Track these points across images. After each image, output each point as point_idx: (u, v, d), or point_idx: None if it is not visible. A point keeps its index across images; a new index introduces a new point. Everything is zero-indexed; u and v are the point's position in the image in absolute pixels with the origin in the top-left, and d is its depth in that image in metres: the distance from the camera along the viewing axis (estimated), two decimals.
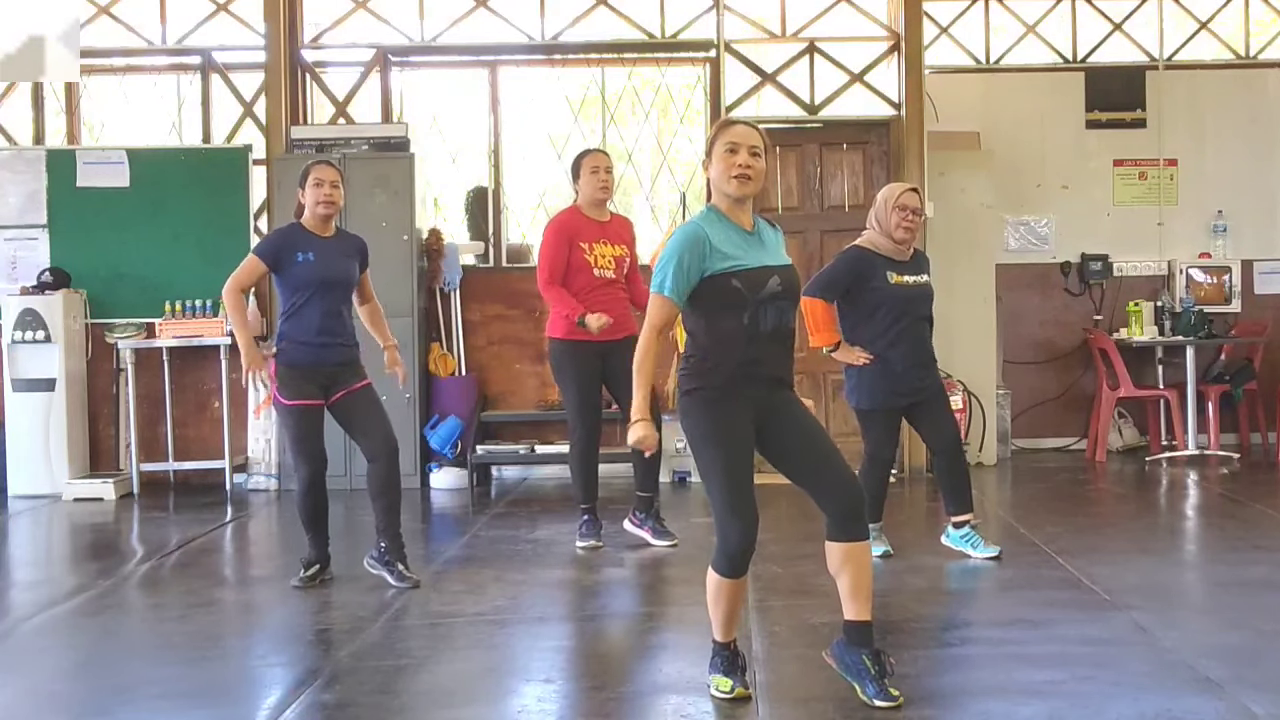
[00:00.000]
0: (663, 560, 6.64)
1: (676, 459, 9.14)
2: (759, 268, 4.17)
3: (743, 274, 4.14)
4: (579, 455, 6.88)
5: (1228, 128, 10.42)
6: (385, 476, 6.02)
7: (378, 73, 9.99)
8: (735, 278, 4.13)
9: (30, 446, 9.16)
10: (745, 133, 4.22)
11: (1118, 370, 9.76)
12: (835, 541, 4.22)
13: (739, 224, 4.24)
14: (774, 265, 4.21)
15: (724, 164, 4.18)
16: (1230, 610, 5.46)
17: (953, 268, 9.05)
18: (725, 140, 4.20)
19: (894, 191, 6.31)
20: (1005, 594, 5.84)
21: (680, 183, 10.12)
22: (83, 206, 9.58)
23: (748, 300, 4.13)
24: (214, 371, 9.46)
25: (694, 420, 4.19)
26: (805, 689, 4.44)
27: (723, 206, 4.25)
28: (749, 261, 4.16)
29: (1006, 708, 4.19)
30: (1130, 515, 8.18)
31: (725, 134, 4.22)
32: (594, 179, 6.84)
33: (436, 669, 4.82)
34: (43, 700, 4.65)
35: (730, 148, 4.18)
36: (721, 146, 4.19)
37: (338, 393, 6.05)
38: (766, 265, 4.20)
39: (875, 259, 6.25)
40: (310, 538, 6.13)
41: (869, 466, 6.41)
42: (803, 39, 9.90)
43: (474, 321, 9.78)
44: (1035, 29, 10.50)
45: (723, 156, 4.19)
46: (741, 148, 4.18)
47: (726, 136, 4.21)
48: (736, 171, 4.17)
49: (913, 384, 6.29)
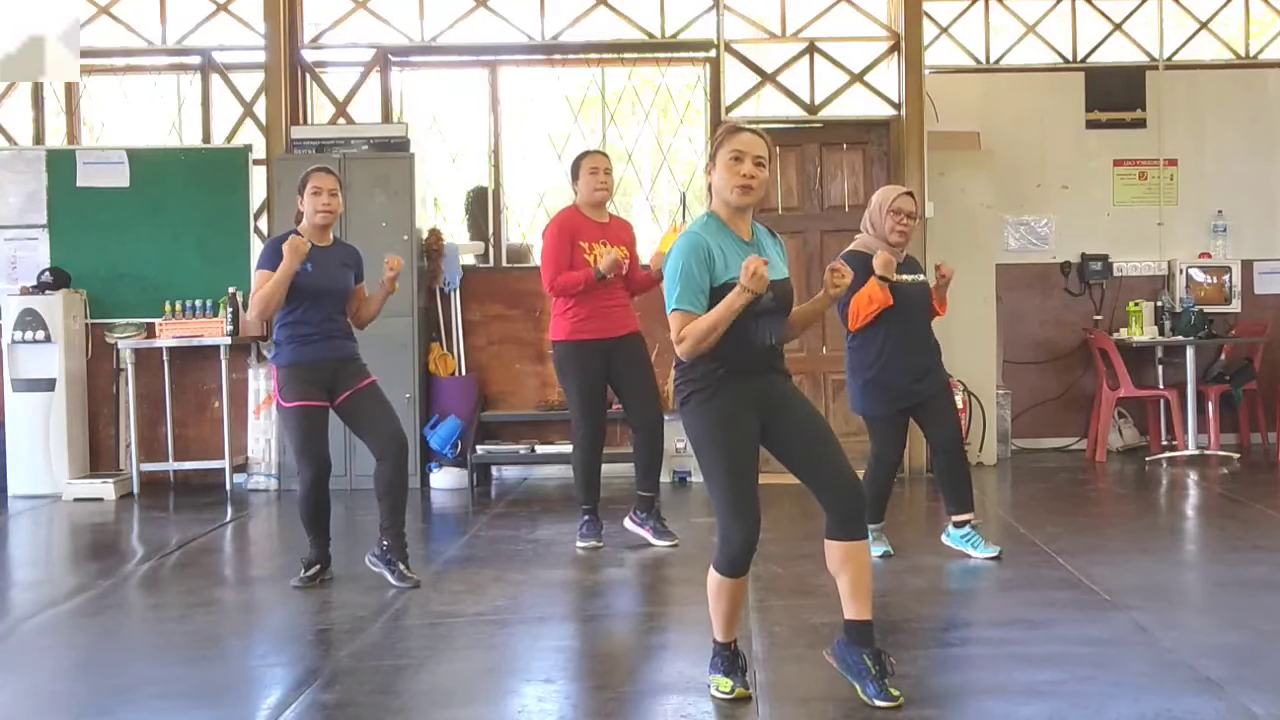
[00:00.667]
0: (663, 560, 6.64)
1: (677, 459, 9.14)
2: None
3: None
4: (582, 456, 6.87)
5: (1228, 128, 10.42)
6: (392, 475, 6.02)
7: (378, 73, 9.99)
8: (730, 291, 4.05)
9: (30, 446, 9.16)
10: (751, 141, 4.14)
11: (1118, 370, 9.76)
12: (835, 540, 4.21)
13: (737, 233, 4.19)
14: (770, 279, 4.07)
15: (728, 172, 4.11)
16: (1230, 610, 5.46)
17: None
18: (731, 147, 4.12)
19: (889, 195, 6.26)
20: (1005, 594, 5.84)
21: (680, 183, 10.12)
22: (83, 206, 9.58)
23: (741, 315, 4.07)
24: (214, 371, 9.45)
25: (695, 420, 4.17)
26: (805, 689, 4.44)
27: (723, 214, 4.20)
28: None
29: (1006, 708, 4.19)
30: (1130, 515, 8.18)
31: (731, 140, 4.13)
32: (592, 180, 6.84)
33: (436, 669, 4.82)
34: (43, 700, 4.65)
35: (736, 155, 4.11)
36: (727, 154, 4.12)
37: (342, 393, 6.04)
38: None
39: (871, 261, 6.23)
40: (311, 538, 6.13)
41: (874, 467, 6.41)
42: (803, 39, 9.90)
43: (474, 321, 9.78)
44: (1035, 29, 10.50)
45: (727, 164, 4.11)
46: (747, 156, 4.11)
47: (732, 143, 4.12)
48: (740, 181, 4.11)
49: (915, 386, 6.28)
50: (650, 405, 6.90)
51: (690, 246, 4.09)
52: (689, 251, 4.08)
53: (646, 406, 6.88)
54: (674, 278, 4.10)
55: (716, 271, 4.07)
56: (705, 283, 4.06)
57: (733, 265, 4.08)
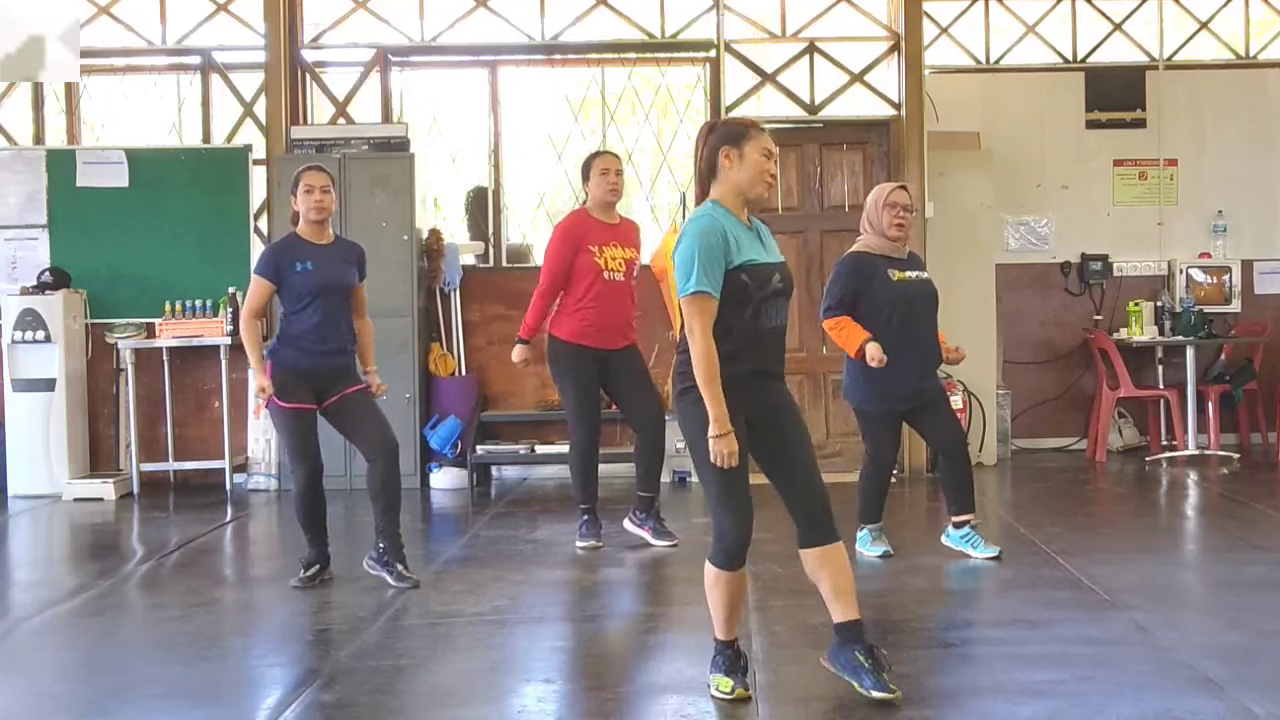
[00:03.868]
0: (663, 560, 6.64)
1: (677, 459, 9.14)
2: (765, 263, 4.20)
3: (751, 269, 4.15)
4: (579, 455, 6.88)
5: (1228, 128, 10.42)
6: (384, 477, 6.02)
7: (378, 73, 9.99)
8: (745, 273, 4.14)
9: (30, 446, 9.16)
10: (772, 143, 4.32)
11: (1118, 370, 9.76)
12: (808, 549, 4.26)
13: (742, 221, 4.27)
14: (774, 262, 4.26)
15: (758, 168, 4.23)
16: (1230, 610, 5.46)
17: (953, 268, 9.04)
18: (763, 145, 4.25)
19: (883, 191, 6.33)
20: (1005, 594, 5.84)
21: (680, 183, 10.11)
22: (83, 206, 9.58)
23: (753, 296, 4.15)
24: (214, 371, 9.45)
25: (691, 416, 4.19)
26: (805, 689, 4.44)
27: (729, 204, 4.26)
28: (757, 257, 4.19)
29: (1006, 708, 4.19)
30: (1130, 515, 8.18)
31: (762, 139, 4.26)
32: (604, 181, 6.84)
33: (436, 669, 4.82)
34: (43, 700, 4.64)
35: (766, 153, 4.25)
36: (759, 150, 4.24)
37: (331, 397, 6.04)
38: (769, 262, 4.23)
39: (874, 259, 6.26)
40: (309, 538, 6.13)
41: (870, 467, 6.41)
42: (803, 39, 9.90)
43: (474, 321, 9.78)
44: (1035, 29, 10.50)
45: (758, 160, 4.23)
46: (773, 156, 4.29)
47: (764, 141, 4.26)
48: (769, 179, 4.26)
49: (916, 387, 6.28)
50: (651, 406, 6.91)
51: (708, 229, 4.15)
52: (707, 234, 4.14)
53: (647, 408, 6.89)
54: (690, 260, 4.12)
55: (731, 254, 4.14)
56: (722, 265, 4.12)
57: (744, 249, 4.17)
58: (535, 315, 6.90)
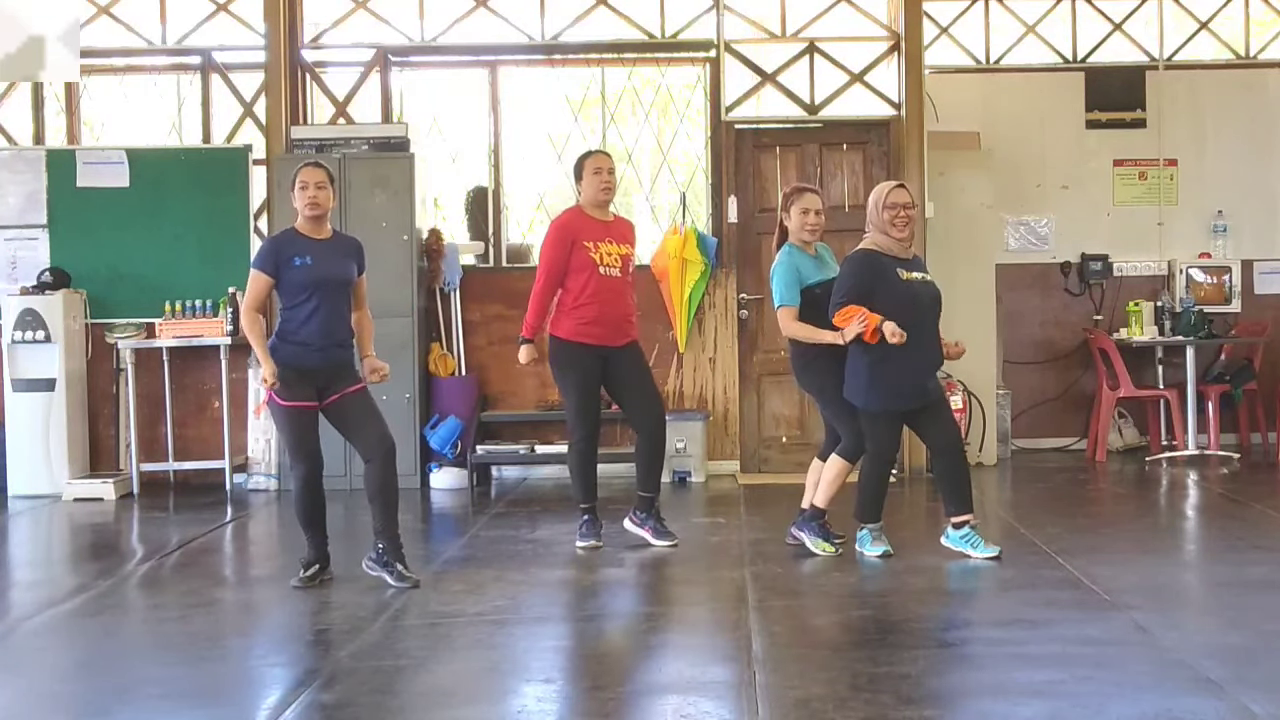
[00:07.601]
0: (663, 560, 6.64)
1: (677, 459, 9.14)
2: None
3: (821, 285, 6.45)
4: (579, 455, 6.87)
5: (1228, 128, 10.42)
6: (381, 477, 6.01)
7: (378, 73, 9.98)
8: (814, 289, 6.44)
9: (30, 446, 9.16)
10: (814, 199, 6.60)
11: (1118, 370, 9.76)
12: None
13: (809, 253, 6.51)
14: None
15: (799, 222, 6.55)
16: (1230, 610, 5.46)
17: (953, 268, 9.03)
18: (802, 205, 6.51)
19: (882, 191, 6.37)
20: (1005, 594, 5.83)
21: (680, 183, 10.11)
22: (83, 206, 9.58)
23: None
24: (214, 371, 9.45)
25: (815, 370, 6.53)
26: (805, 689, 4.44)
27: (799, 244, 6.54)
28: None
29: (1006, 708, 4.19)
30: (1130, 515, 8.18)
31: (800, 199, 6.51)
32: (596, 180, 6.84)
33: (436, 669, 4.82)
34: (43, 700, 4.64)
35: (804, 210, 6.52)
36: (800, 209, 6.53)
37: (331, 396, 6.04)
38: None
39: (883, 259, 6.27)
40: (308, 538, 6.12)
41: (871, 465, 6.41)
42: (803, 39, 9.90)
43: (474, 321, 9.78)
44: (1035, 29, 10.50)
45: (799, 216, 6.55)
46: (811, 210, 6.53)
47: (802, 202, 6.51)
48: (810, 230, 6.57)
49: (921, 387, 6.29)
50: (652, 406, 6.90)
51: (792, 264, 6.47)
52: (793, 269, 6.46)
53: (649, 408, 6.88)
54: (783, 283, 6.42)
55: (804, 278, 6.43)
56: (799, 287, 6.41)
57: (810, 275, 6.47)
58: (535, 313, 6.89)
